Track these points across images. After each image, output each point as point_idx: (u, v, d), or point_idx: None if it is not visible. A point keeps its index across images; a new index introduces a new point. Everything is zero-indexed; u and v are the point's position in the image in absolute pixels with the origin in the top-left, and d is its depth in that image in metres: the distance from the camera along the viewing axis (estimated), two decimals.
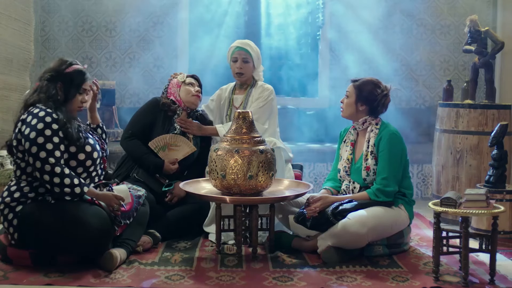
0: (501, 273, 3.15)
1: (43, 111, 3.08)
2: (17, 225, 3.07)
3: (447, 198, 3.00)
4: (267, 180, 3.30)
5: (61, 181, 3.00)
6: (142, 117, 3.98)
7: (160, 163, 3.85)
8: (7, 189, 3.15)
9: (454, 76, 6.03)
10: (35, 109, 3.11)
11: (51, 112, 3.08)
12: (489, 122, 4.25)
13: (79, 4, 5.89)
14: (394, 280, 3.03)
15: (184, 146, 3.91)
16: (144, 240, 3.45)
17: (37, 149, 3.00)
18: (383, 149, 3.44)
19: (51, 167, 2.99)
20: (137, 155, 3.88)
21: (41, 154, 3.00)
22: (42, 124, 3.03)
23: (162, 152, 3.88)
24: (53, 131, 3.04)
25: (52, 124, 3.05)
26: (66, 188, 3.01)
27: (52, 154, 3.02)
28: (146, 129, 3.93)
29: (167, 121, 3.96)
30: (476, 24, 4.40)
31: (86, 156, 3.15)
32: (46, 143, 3.01)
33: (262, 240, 3.61)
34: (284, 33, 6.08)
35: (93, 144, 3.21)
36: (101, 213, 3.07)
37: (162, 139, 3.88)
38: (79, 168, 3.15)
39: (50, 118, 3.06)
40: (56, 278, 2.96)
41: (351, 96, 3.55)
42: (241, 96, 4.15)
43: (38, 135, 3.02)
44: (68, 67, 3.21)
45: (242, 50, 4.10)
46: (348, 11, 5.99)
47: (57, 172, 3.00)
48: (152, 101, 4.04)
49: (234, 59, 4.11)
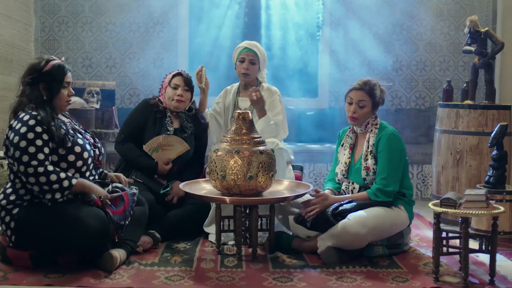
0: (501, 273, 3.15)
1: (28, 115, 3.04)
2: (15, 228, 3.06)
3: (447, 198, 3.00)
4: (267, 180, 3.30)
5: (47, 179, 2.98)
6: (133, 120, 3.97)
7: (153, 165, 3.84)
8: (3, 192, 3.14)
9: (454, 76, 6.03)
10: (22, 113, 3.08)
11: (36, 114, 3.04)
12: (489, 122, 4.24)
13: (79, 4, 5.90)
14: (394, 280, 3.03)
15: (177, 145, 3.89)
16: (144, 240, 3.45)
17: (20, 153, 2.97)
18: (382, 149, 3.44)
19: (34, 168, 2.96)
20: (131, 159, 3.87)
21: (24, 158, 2.97)
22: (25, 128, 3.00)
23: (156, 153, 3.86)
24: (36, 134, 3.00)
25: (35, 127, 3.01)
26: (54, 185, 2.99)
27: (35, 157, 2.98)
28: (138, 132, 3.91)
29: (158, 121, 3.92)
30: (476, 25, 4.40)
31: (76, 157, 3.11)
32: (29, 146, 2.98)
33: (262, 240, 3.61)
34: (284, 34, 6.08)
35: (82, 144, 3.16)
36: (99, 213, 3.06)
37: (155, 141, 3.86)
38: (71, 169, 3.11)
39: (34, 121, 3.02)
40: (55, 278, 2.96)
41: (367, 106, 3.48)
42: (247, 99, 4.15)
43: (21, 139, 2.98)
44: (46, 65, 3.15)
45: (250, 52, 4.10)
46: (348, 11, 6.00)
47: (41, 172, 2.97)
48: (142, 103, 4.02)
49: (241, 59, 4.12)
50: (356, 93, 3.49)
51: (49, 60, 3.18)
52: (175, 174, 3.93)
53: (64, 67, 3.20)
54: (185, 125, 3.99)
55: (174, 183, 3.86)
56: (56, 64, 3.18)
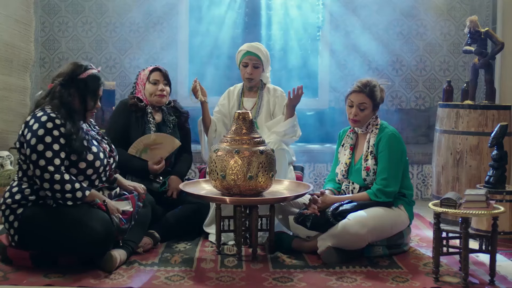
0: (501, 273, 3.15)
1: (45, 116, 3.01)
2: (18, 228, 3.06)
3: (447, 198, 3.00)
4: (267, 180, 3.30)
5: (61, 188, 2.98)
6: (116, 124, 3.90)
7: (145, 166, 3.80)
8: (8, 190, 3.13)
9: (454, 76, 6.03)
10: (40, 112, 3.05)
11: (54, 117, 3.01)
12: (489, 122, 4.24)
13: (79, 5, 5.90)
14: (394, 280, 3.03)
15: (168, 142, 3.85)
16: (145, 241, 3.45)
17: (37, 156, 2.96)
18: (382, 149, 3.43)
19: (50, 175, 2.96)
20: (122, 163, 3.70)
21: (41, 162, 2.96)
22: (43, 130, 2.98)
23: (145, 154, 3.83)
24: (54, 138, 2.98)
25: (53, 131, 2.99)
26: (67, 194, 2.99)
27: (52, 162, 2.97)
28: (123, 134, 3.85)
29: (140, 120, 3.88)
30: (476, 25, 4.40)
31: (87, 165, 3.10)
32: (46, 151, 2.96)
33: (262, 240, 3.61)
34: (284, 34, 6.08)
35: (96, 152, 3.14)
36: (104, 216, 3.05)
37: (140, 142, 3.81)
38: (80, 176, 3.10)
39: (52, 124, 2.99)
40: (56, 279, 2.96)
41: (368, 108, 3.46)
42: (252, 100, 4.14)
43: (38, 141, 2.96)
44: (83, 72, 3.13)
45: (253, 56, 4.05)
46: (348, 12, 6.00)
47: (57, 179, 2.97)
48: (120, 105, 3.96)
49: (244, 64, 4.08)
50: (356, 95, 3.47)
51: (87, 68, 3.16)
52: (168, 169, 3.91)
53: (99, 78, 3.18)
54: (167, 118, 3.97)
55: (169, 179, 3.85)
56: (92, 73, 3.16)
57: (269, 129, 4.00)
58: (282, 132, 3.93)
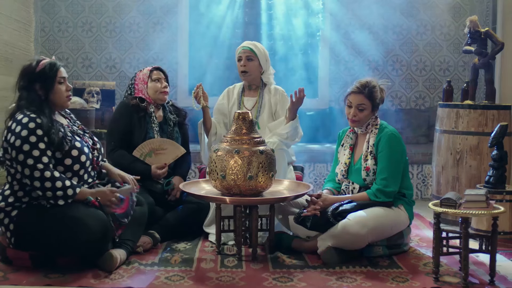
0: (501, 273, 3.15)
1: (26, 117, 3.02)
2: (14, 230, 3.06)
3: (447, 198, 3.00)
4: (267, 180, 3.29)
5: (52, 185, 2.97)
6: (118, 125, 3.89)
7: (147, 171, 3.79)
8: (1, 193, 3.13)
9: (454, 76, 6.04)
10: (20, 115, 3.05)
11: (35, 117, 3.02)
12: (489, 122, 4.24)
13: (79, 5, 5.91)
14: (394, 280, 3.03)
15: (172, 149, 3.87)
16: (144, 240, 3.45)
17: (24, 156, 2.96)
18: (382, 149, 3.43)
19: (40, 172, 2.96)
20: (125, 166, 3.70)
21: (29, 161, 2.96)
22: (26, 131, 2.98)
23: (149, 158, 3.82)
24: (38, 137, 2.99)
25: (36, 130, 2.99)
26: (58, 191, 2.99)
27: (40, 160, 2.97)
28: (126, 136, 3.85)
29: (142, 120, 3.88)
30: (476, 25, 4.40)
31: (73, 160, 3.10)
32: (33, 150, 2.96)
33: (262, 240, 3.61)
34: (284, 34, 6.09)
35: (80, 147, 3.14)
36: (99, 214, 3.06)
37: (146, 145, 3.82)
38: (68, 173, 3.10)
39: (34, 124, 3.00)
40: (56, 279, 2.96)
41: (367, 109, 3.45)
42: (253, 99, 4.13)
43: (23, 142, 2.96)
44: (37, 66, 3.13)
45: (246, 49, 4.06)
46: (348, 12, 6.01)
47: (47, 177, 2.97)
48: (122, 106, 3.94)
49: (239, 58, 4.08)
50: (355, 96, 3.47)
51: (39, 60, 3.16)
52: (170, 170, 3.92)
53: (55, 63, 3.17)
54: (168, 117, 3.98)
55: (174, 178, 3.86)
56: (47, 62, 3.15)
57: (271, 130, 3.99)
58: (284, 134, 3.91)
